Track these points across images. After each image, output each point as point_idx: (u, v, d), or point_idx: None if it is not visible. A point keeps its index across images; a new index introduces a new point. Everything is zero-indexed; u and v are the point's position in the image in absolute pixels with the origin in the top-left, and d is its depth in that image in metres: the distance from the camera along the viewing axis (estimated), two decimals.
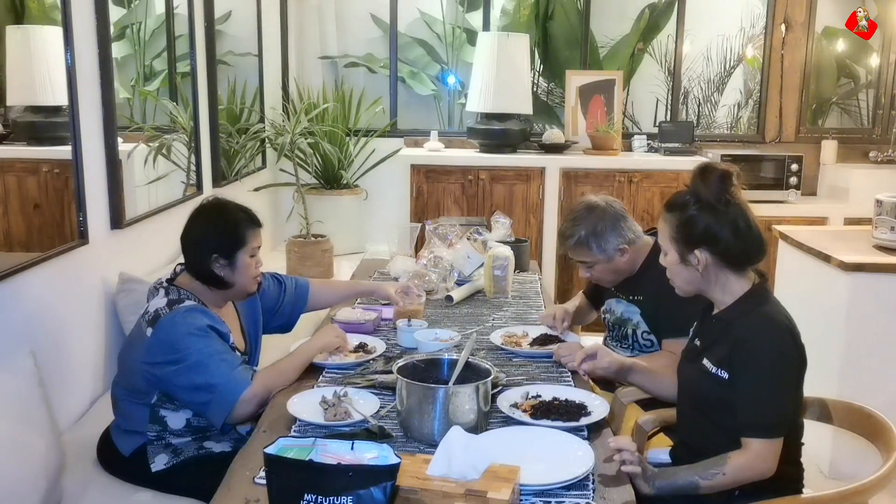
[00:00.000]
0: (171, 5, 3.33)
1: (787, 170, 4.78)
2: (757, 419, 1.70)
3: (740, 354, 1.73)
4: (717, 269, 1.81)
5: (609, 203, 2.44)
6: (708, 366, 1.80)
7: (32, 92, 2.44)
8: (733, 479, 1.68)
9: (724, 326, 1.81)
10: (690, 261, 1.81)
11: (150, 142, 3.15)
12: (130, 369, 2.08)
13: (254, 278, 2.18)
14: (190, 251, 2.14)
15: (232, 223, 2.13)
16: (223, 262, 2.10)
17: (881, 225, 3.21)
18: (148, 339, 2.01)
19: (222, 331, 2.08)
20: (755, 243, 1.80)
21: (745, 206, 1.80)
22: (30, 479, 1.78)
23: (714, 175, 1.78)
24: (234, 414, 1.97)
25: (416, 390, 1.74)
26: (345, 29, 5.87)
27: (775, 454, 1.70)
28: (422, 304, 2.62)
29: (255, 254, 2.17)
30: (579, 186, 4.69)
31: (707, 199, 1.78)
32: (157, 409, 2.06)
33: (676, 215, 1.83)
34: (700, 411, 1.87)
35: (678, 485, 1.69)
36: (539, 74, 5.95)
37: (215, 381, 1.95)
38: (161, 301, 2.06)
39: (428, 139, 5.06)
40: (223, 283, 2.13)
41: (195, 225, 2.15)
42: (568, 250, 2.47)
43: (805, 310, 3.30)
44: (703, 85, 6.09)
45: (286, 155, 4.25)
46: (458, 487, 1.40)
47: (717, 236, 1.77)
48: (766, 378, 1.71)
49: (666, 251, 1.88)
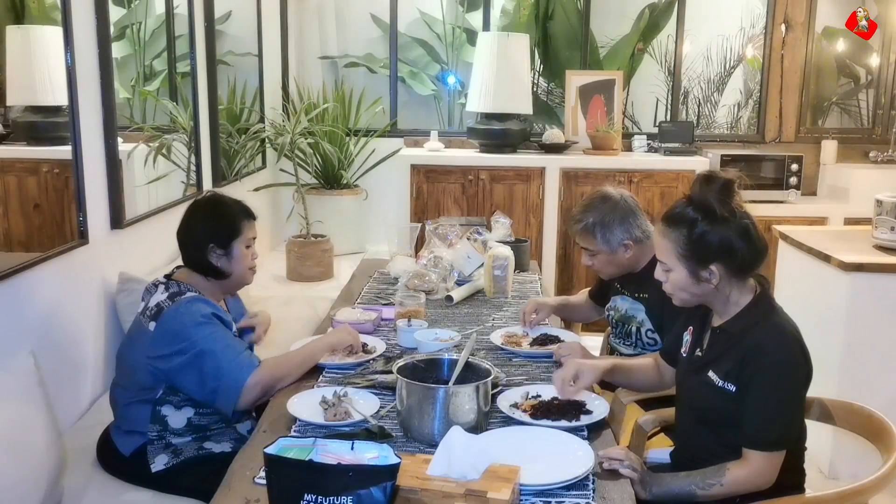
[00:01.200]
0: (171, 5, 3.33)
1: (787, 170, 4.78)
2: (761, 433, 1.68)
3: (748, 369, 1.70)
4: (727, 281, 1.76)
5: (624, 197, 2.46)
6: (714, 378, 1.77)
7: (32, 92, 2.44)
8: (731, 491, 1.67)
9: (729, 338, 1.77)
10: (704, 276, 1.75)
11: (150, 142, 3.15)
12: (133, 367, 2.09)
13: (249, 269, 2.24)
14: (187, 243, 2.19)
15: (228, 214, 2.21)
16: (220, 251, 2.16)
17: (881, 225, 3.21)
18: (152, 333, 2.03)
19: (226, 319, 2.11)
20: (762, 251, 1.76)
21: (749, 213, 1.77)
22: (30, 479, 1.78)
23: (717, 184, 1.74)
24: (241, 400, 1.98)
25: (416, 390, 1.74)
26: (345, 29, 5.87)
27: (775, 468, 1.69)
28: (422, 305, 2.62)
29: (250, 244, 2.23)
30: (579, 186, 4.69)
31: (717, 212, 1.72)
32: (158, 409, 2.07)
33: (683, 231, 1.75)
34: (703, 423, 1.84)
35: (675, 492, 1.68)
36: (539, 74, 5.95)
37: (222, 367, 1.97)
38: (162, 295, 2.08)
39: (428, 139, 5.06)
40: (220, 273, 2.18)
41: (192, 218, 2.22)
42: (574, 234, 2.49)
43: (805, 310, 3.31)
44: (703, 85, 6.09)
45: (286, 155, 4.25)
46: (458, 487, 1.39)
47: (733, 249, 1.72)
48: (774, 392, 1.68)
49: (670, 268, 1.80)
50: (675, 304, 1.88)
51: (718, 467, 1.69)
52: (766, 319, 1.75)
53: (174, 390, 2.06)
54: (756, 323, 1.74)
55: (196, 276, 2.18)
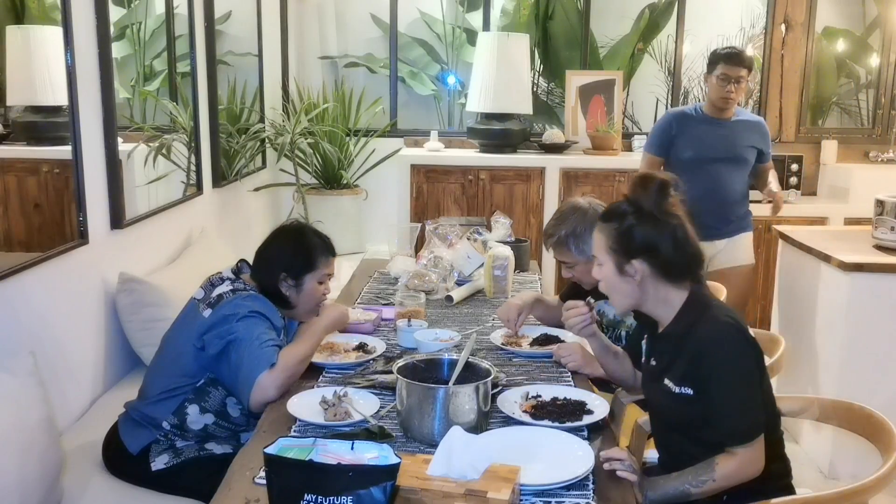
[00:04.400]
0: (171, 5, 3.33)
1: (787, 170, 4.78)
2: (733, 428, 1.69)
3: (700, 368, 1.71)
4: (655, 281, 1.77)
5: (593, 205, 2.44)
6: (670, 386, 1.77)
7: (32, 92, 2.44)
8: (724, 484, 1.68)
9: (675, 342, 1.78)
10: (628, 271, 1.77)
11: (150, 142, 3.15)
12: (179, 352, 2.10)
13: (316, 305, 2.24)
14: (262, 266, 2.21)
15: (307, 246, 2.21)
16: (291, 282, 2.17)
17: (881, 225, 3.21)
18: (205, 319, 2.06)
19: (276, 325, 2.12)
20: (694, 256, 1.77)
21: (684, 217, 1.78)
22: (30, 479, 1.78)
23: (653, 185, 1.76)
24: (254, 396, 1.97)
25: (416, 390, 1.74)
26: (345, 29, 5.87)
27: (760, 453, 1.69)
28: (422, 305, 2.62)
29: (324, 281, 2.23)
30: (579, 186, 4.69)
31: (647, 209, 1.75)
32: (186, 404, 2.08)
33: (614, 225, 1.79)
34: (673, 429, 1.85)
35: (670, 494, 1.69)
36: (539, 74, 5.95)
37: (244, 357, 1.99)
38: (226, 287, 2.12)
39: (428, 139, 5.06)
40: (286, 303, 2.19)
41: (272, 242, 2.25)
42: (549, 249, 2.49)
43: (805, 310, 3.31)
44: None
45: (286, 155, 4.25)
46: (458, 487, 1.40)
47: (657, 247, 1.74)
48: (731, 385, 1.69)
49: (601, 262, 1.83)
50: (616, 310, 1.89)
51: (707, 462, 1.69)
52: (702, 316, 1.75)
53: (214, 382, 2.07)
54: (694, 321, 1.75)
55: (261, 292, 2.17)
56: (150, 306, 2.67)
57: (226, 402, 2.10)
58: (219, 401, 2.10)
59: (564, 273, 2.52)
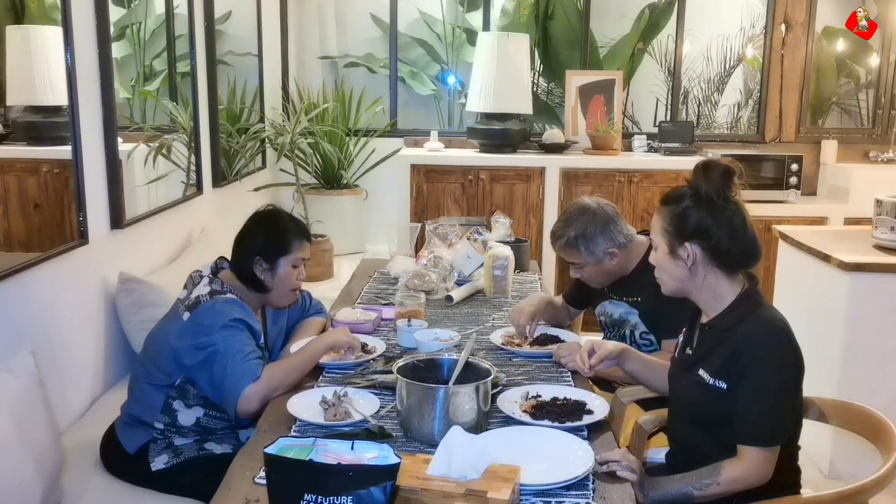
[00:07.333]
0: (171, 5, 3.33)
1: (787, 170, 4.78)
2: (755, 428, 1.68)
3: (739, 363, 1.70)
4: (707, 268, 1.77)
5: (601, 206, 2.44)
6: (704, 377, 1.77)
7: (32, 92, 2.44)
8: (727, 489, 1.67)
9: (718, 334, 1.77)
10: (680, 254, 1.77)
11: (150, 142, 3.15)
12: (159, 351, 2.11)
13: (291, 290, 2.25)
14: (237, 249, 2.23)
15: (281, 229, 2.23)
16: (265, 265, 2.18)
17: (881, 225, 3.21)
18: (183, 323, 2.06)
19: (255, 328, 2.12)
20: (749, 246, 1.76)
21: (743, 206, 1.77)
22: (30, 479, 1.78)
23: (717, 171, 1.75)
24: (240, 407, 1.98)
25: (416, 390, 1.74)
26: (345, 29, 5.87)
27: (771, 463, 1.68)
28: (422, 305, 2.62)
29: (298, 265, 2.24)
30: (579, 186, 4.69)
31: (705, 194, 1.75)
32: (170, 402, 2.08)
33: (671, 208, 1.80)
34: (696, 423, 1.84)
35: (672, 495, 1.68)
36: (539, 74, 5.95)
37: (227, 370, 1.98)
38: (204, 289, 2.11)
39: (428, 139, 5.06)
40: (261, 287, 2.20)
41: (248, 227, 2.26)
42: (558, 250, 2.48)
43: (805, 310, 3.31)
44: (702, 85, 6.09)
45: (286, 155, 4.25)
46: (458, 487, 1.40)
47: (710, 231, 1.74)
48: (766, 386, 1.68)
49: (657, 245, 1.84)
50: (664, 294, 1.88)
51: (713, 466, 1.68)
52: (754, 314, 1.75)
53: (191, 383, 2.07)
54: (744, 317, 1.74)
55: (238, 282, 2.20)
56: (150, 306, 2.66)
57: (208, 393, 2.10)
58: (200, 394, 2.09)
59: (573, 273, 2.52)
